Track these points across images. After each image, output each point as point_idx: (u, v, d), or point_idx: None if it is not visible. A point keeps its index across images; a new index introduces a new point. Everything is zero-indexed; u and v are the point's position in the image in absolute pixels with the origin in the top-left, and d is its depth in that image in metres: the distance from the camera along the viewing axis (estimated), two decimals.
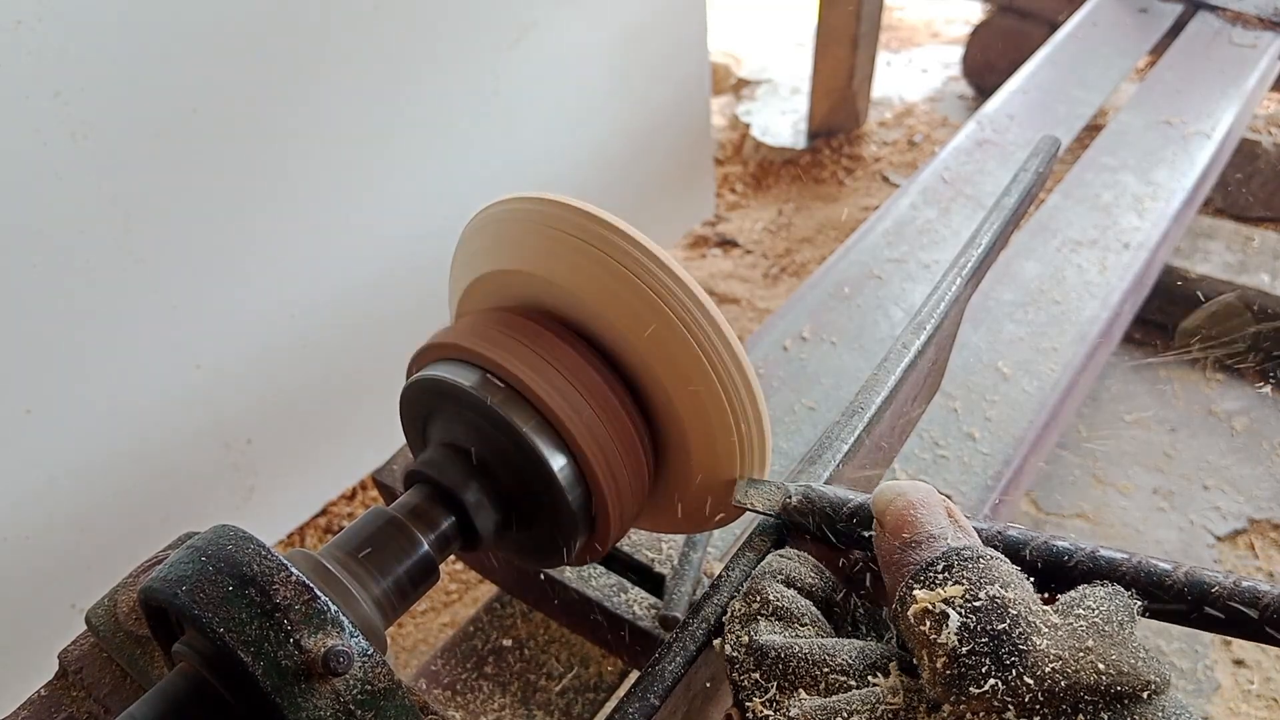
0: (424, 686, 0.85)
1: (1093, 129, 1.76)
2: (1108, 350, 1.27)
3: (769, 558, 0.45)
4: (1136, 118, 1.61)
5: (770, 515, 0.49)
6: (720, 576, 0.47)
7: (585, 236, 0.49)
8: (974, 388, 1.09)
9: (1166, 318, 1.98)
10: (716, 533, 0.84)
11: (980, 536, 0.41)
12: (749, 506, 0.50)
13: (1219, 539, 1.66)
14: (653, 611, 0.78)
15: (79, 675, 0.50)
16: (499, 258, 0.54)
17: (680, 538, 0.80)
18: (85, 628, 0.51)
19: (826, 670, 0.38)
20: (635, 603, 0.78)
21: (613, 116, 1.94)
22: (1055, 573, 0.40)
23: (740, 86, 3.05)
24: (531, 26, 1.63)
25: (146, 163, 1.17)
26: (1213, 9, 1.91)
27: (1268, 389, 1.89)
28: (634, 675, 0.86)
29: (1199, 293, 1.90)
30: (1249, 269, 1.90)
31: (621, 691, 0.64)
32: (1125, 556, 0.39)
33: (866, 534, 0.44)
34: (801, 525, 0.48)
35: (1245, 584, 0.37)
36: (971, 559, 0.36)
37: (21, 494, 1.19)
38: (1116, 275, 1.26)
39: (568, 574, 0.80)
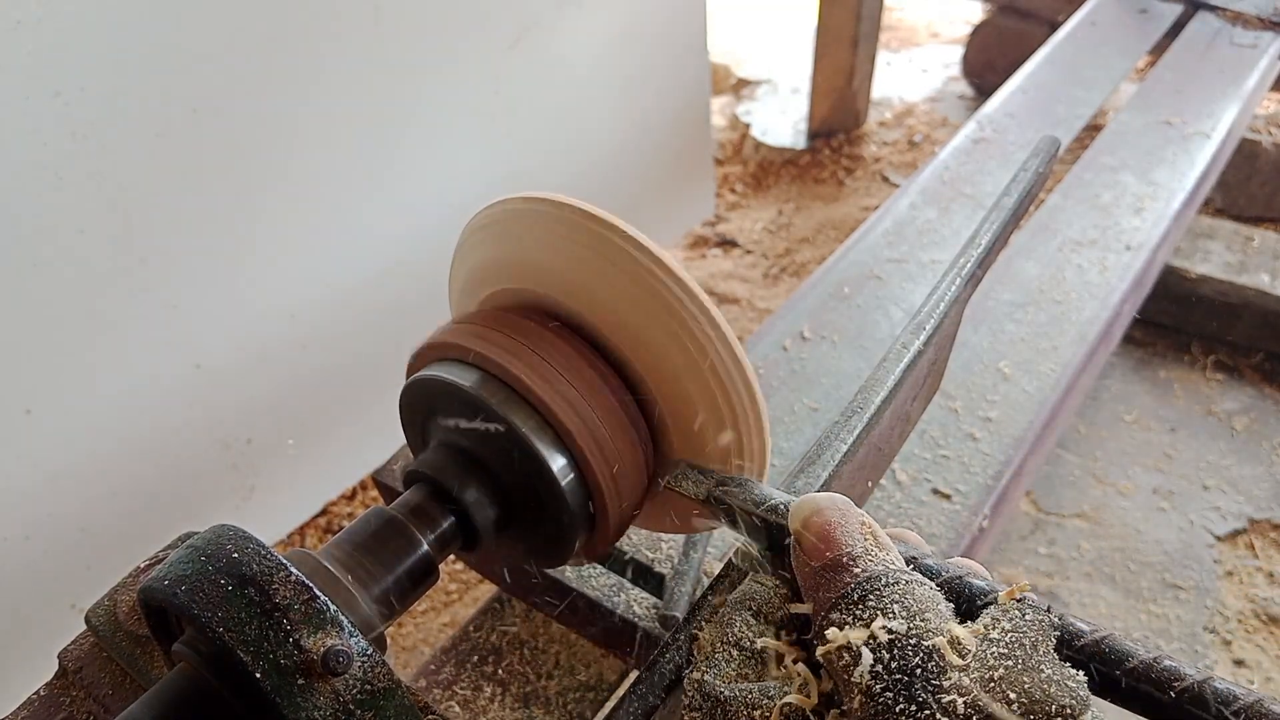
0: (424, 686, 0.85)
1: (1093, 129, 1.76)
2: (1108, 350, 1.27)
3: (745, 584, 0.44)
4: (1136, 118, 1.61)
5: (696, 500, 0.49)
6: (699, 600, 0.46)
7: (585, 236, 0.49)
8: (974, 388, 1.09)
9: (1167, 318, 1.99)
10: (716, 533, 0.84)
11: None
12: (678, 490, 0.50)
13: (1219, 539, 1.66)
14: (653, 611, 0.78)
15: (79, 675, 0.50)
16: (499, 258, 0.54)
17: (680, 538, 0.80)
18: (85, 628, 0.51)
19: (762, 714, 0.37)
20: (635, 603, 0.78)
21: (613, 116, 1.94)
22: (964, 608, 0.39)
23: (740, 86, 3.05)
24: (532, 26, 1.63)
25: (146, 163, 1.17)
26: (1213, 9, 1.91)
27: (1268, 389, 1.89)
28: (634, 675, 0.86)
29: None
30: (1249, 269, 1.90)
31: (621, 691, 0.64)
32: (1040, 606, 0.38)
33: (785, 539, 0.43)
34: (726, 515, 0.48)
35: (1166, 663, 0.35)
36: (887, 585, 0.36)
37: (21, 494, 1.19)
38: (1116, 275, 1.26)
39: (568, 574, 0.80)
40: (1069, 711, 0.32)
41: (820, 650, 0.35)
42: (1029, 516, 1.71)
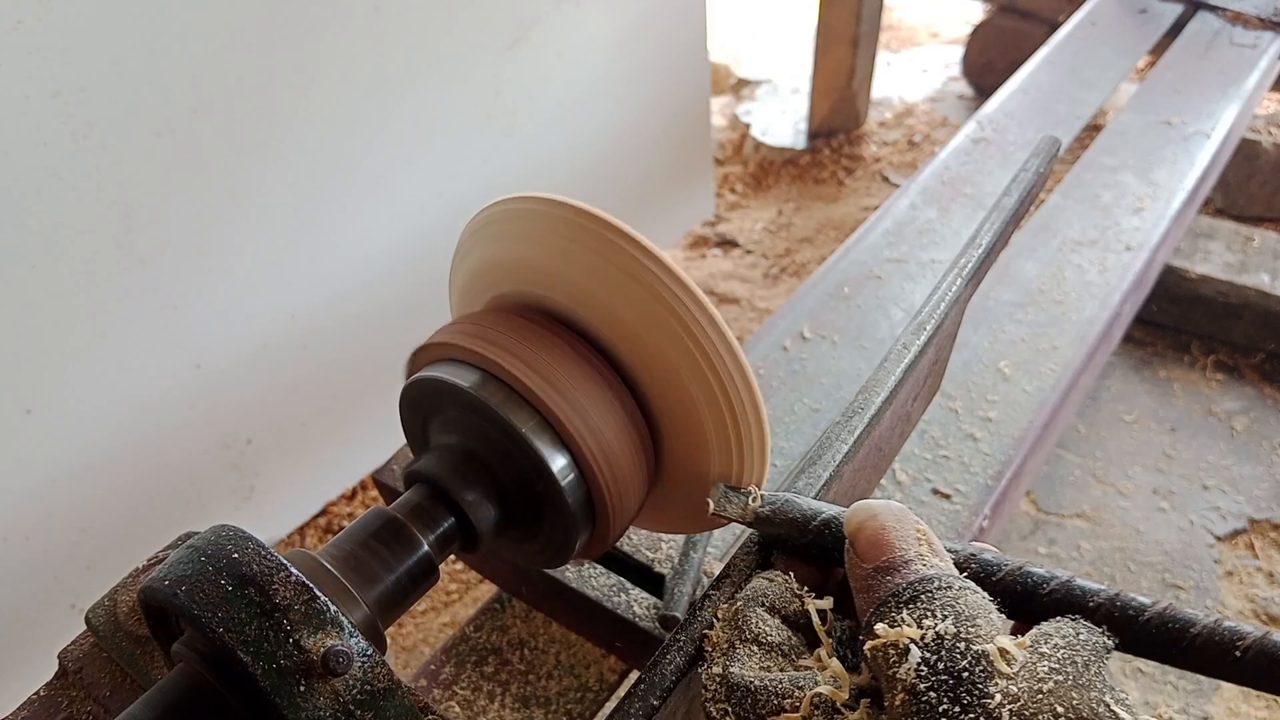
0: (424, 686, 0.85)
1: (1093, 129, 1.76)
2: (1108, 350, 1.27)
3: (754, 581, 0.44)
4: (1136, 118, 1.61)
5: (741, 522, 0.48)
6: (708, 591, 0.46)
7: (584, 237, 0.49)
8: (974, 388, 1.09)
9: (1167, 318, 1.99)
10: (716, 533, 0.84)
11: (954, 560, 0.41)
12: (723, 514, 0.49)
13: (1219, 539, 1.66)
14: (653, 611, 0.78)
15: (79, 675, 0.50)
16: (499, 258, 0.54)
17: (680, 538, 0.80)
18: (85, 628, 0.51)
19: (793, 704, 0.37)
20: (635, 603, 0.78)
21: (613, 117, 1.94)
22: (1028, 600, 0.40)
23: (740, 86, 3.05)
24: (532, 26, 1.63)
25: (146, 163, 1.17)
26: (1213, 9, 1.91)
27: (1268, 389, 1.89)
28: (634, 675, 0.86)
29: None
30: (1249, 269, 1.90)
31: (621, 691, 0.64)
32: (1100, 588, 0.39)
33: (836, 554, 0.43)
34: (771, 536, 0.47)
35: (1226, 625, 0.36)
36: (939, 589, 0.36)
37: (21, 494, 1.19)
38: (1116, 275, 1.26)
39: (568, 574, 0.80)
40: None
41: (868, 645, 0.36)
42: (1029, 516, 1.71)
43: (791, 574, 0.44)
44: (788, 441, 1.00)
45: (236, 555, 0.39)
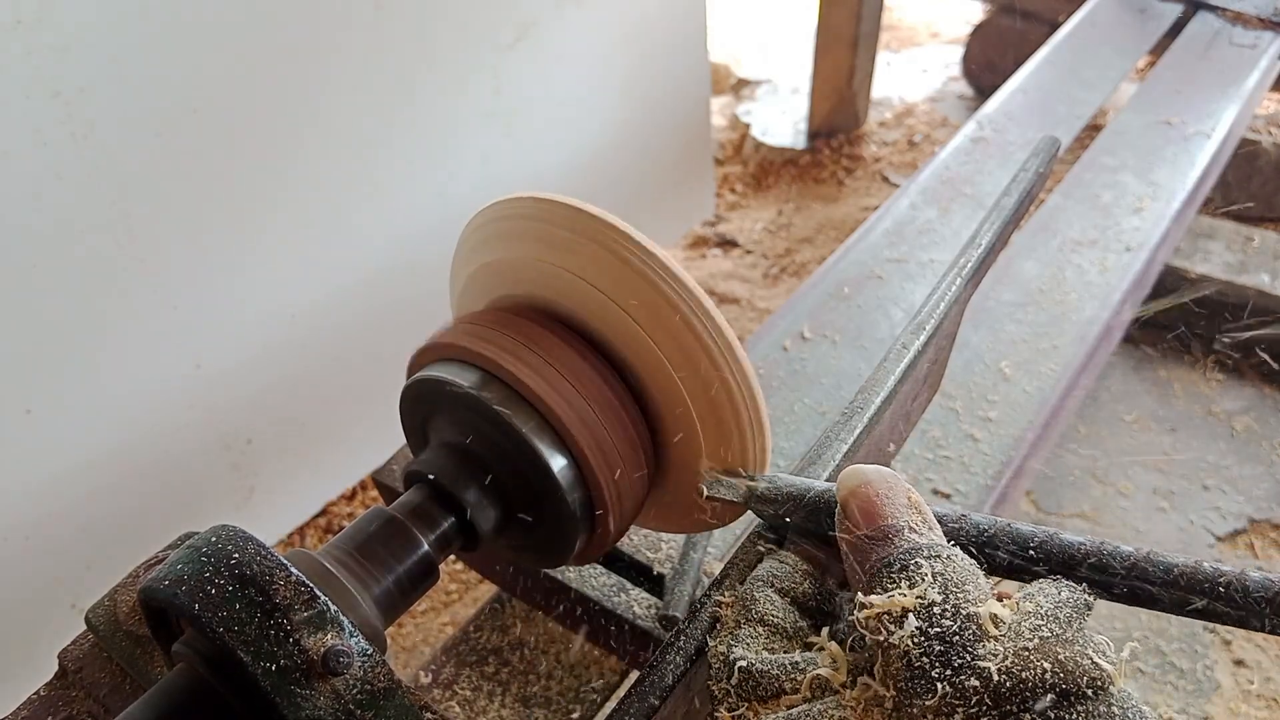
0: (424, 686, 0.85)
1: (1093, 129, 1.76)
2: (1108, 350, 1.27)
3: (764, 562, 0.45)
4: (1136, 118, 1.61)
5: (736, 503, 0.50)
6: (719, 577, 0.47)
7: (585, 236, 0.49)
8: (974, 388, 1.09)
9: (1167, 318, 1.99)
10: (716, 533, 0.84)
11: (945, 524, 0.42)
12: (716, 496, 0.50)
13: (1219, 539, 1.66)
14: (653, 611, 0.78)
15: (79, 675, 0.50)
16: (499, 258, 0.54)
17: (680, 538, 0.80)
18: (85, 628, 0.51)
19: (793, 685, 0.38)
20: (635, 603, 0.78)
21: (613, 117, 1.94)
22: (1019, 556, 0.41)
23: (740, 86, 3.05)
24: (531, 26, 1.63)
25: (146, 163, 1.17)
26: (1213, 9, 1.91)
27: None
28: (634, 675, 0.86)
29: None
30: (1249, 269, 1.90)
31: (621, 691, 0.64)
32: (1084, 540, 0.41)
33: (830, 532, 0.44)
34: (767, 515, 0.48)
35: (1206, 565, 0.38)
36: (929, 558, 0.37)
37: (21, 494, 1.19)
38: (1116, 275, 1.26)
39: (568, 574, 0.80)
40: (1099, 683, 0.33)
41: (861, 614, 0.36)
42: (1029, 516, 1.71)
43: (800, 557, 0.45)
44: (788, 441, 1.00)
45: (236, 555, 0.39)
